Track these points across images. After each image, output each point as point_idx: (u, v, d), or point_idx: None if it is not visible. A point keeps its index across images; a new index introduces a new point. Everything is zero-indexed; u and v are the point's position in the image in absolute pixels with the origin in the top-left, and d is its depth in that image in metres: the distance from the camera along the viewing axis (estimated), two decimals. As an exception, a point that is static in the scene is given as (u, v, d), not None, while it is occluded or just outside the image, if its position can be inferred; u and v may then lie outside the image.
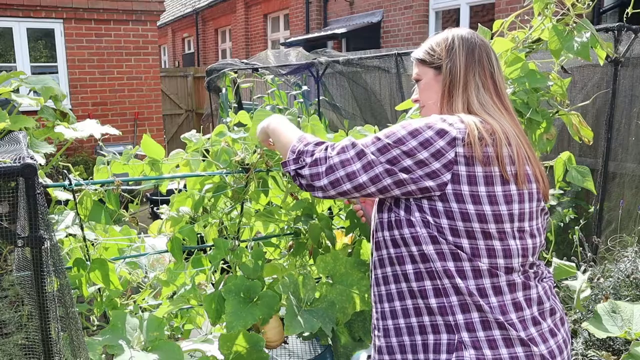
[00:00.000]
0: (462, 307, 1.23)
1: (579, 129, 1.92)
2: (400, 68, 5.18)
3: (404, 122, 1.28)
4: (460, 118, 1.25)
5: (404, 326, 1.31)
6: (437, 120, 1.24)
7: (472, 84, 1.34)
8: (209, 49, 16.34)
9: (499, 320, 1.22)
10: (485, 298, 1.22)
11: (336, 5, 10.25)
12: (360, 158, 1.26)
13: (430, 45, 1.42)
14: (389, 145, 1.24)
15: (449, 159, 1.19)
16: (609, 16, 6.04)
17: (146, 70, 8.43)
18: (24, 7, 7.38)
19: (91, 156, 7.72)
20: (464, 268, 1.22)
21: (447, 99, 1.35)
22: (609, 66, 3.37)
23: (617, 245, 3.07)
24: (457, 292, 1.23)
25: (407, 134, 1.23)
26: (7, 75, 1.74)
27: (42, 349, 1.12)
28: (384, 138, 1.25)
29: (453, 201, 1.20)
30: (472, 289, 1.22)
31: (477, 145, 1.19)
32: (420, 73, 1.43)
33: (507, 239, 1.23)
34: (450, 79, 1.35)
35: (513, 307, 1.24)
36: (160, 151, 1.84)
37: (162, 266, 2.16)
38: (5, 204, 1.11)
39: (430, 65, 1.40)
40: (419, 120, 1.27)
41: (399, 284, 1.31)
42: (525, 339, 1.22)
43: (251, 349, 1.83)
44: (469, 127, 1.22)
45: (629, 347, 2.01)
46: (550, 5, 1.80)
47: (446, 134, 1.20)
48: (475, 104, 1.32)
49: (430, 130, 1.22)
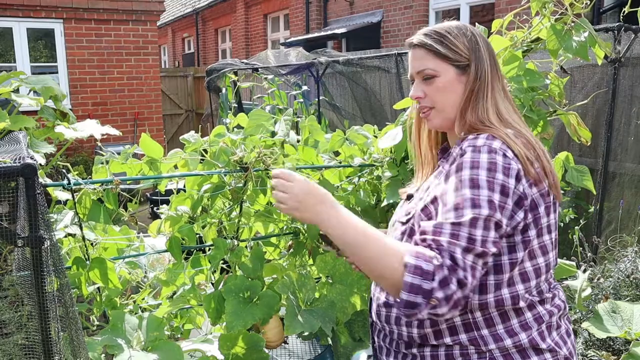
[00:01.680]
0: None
1: (577, 129, 1.92)
2: (400, 68, 5.18)
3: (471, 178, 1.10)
4: (504, 139, 1.15)
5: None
6: (499, 158, 1.12)
7: (497, 88, 1.24)
8: (209, 49, 16.34)
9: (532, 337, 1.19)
10: (523, 315, 1.19)
11: (336, 5, 10.24)
12: (483, 255, 1.06)
13: (448, 38, 1.24)
14: (488, 218, 1.07)
15: (519, 195, 1.13)
16: (609, 16, 6.04)
17: (146, 70, 8.43)
18: (24, 7, 7.38)
19: (91, 156, 7.71)
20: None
21: (472, 104, 1.22)
22: (608, 66, 3.37)
23: (617, 245, 3.07)
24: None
25: (489, 190, 1.09)
26: (7, 75, 1.74)
27: (42, 349, 1.13)
28: (480, 218, 1.07)
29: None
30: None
31: (530, 167, 1.14)
32: (438, 69, 1.24)
33: (548, 253, 1.21)
34: (480, 82, 1.23)
35: (548, 317, 1.22)
36: (159, 150, 1.84)
37: (161, 266, 2.16)
38: (5, 204, 1.11)
39: (453, 62, 1.24)
40: (481, 163, 1.11)
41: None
42: (552, 344, 1.20)
43: (251, 349, 1.83)
44: (518, 153, 1.14)
45: (629, 347, 2.01)
46: (548, 5, 1.80)
47: (511, 169, 1.12)
48: (503, 111, 1.23)
49: (501, 173, 1.10)
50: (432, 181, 1.28)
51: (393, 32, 8.77)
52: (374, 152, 2.11)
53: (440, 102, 1.26)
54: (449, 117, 1.26)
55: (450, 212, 1.09)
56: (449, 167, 1.18)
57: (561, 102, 1.97)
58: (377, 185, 2.14)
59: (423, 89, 1.27)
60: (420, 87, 1.28)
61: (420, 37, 1.26)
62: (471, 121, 1.22)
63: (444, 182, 1.16)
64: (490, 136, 1.15)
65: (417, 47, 1.27)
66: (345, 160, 2.14)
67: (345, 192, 2.11)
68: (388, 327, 1.28)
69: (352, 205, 2.08)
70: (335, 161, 2.12)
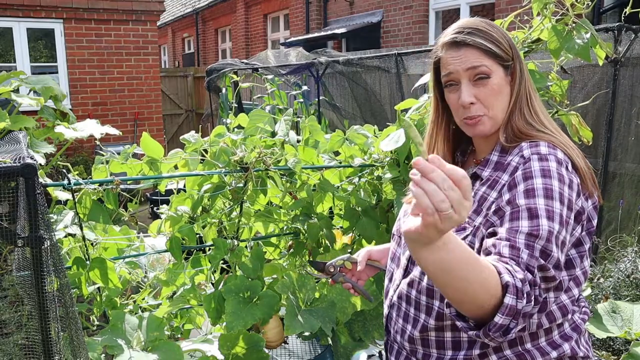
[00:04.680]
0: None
1: (578, 129, 1.92)
2: (400, 68, 5.18)
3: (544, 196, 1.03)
4: (565, 149, 1.11)
5: None
6: (563, 170, 1.07)
7: (534, 89, 1.18)
8: (209, 49, 16.34)
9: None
10: (562, 326, 1.17)
11: (336, 5, 10.24)
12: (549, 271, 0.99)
13: (492, 35, 1.14)
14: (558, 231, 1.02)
15: (577, 210, 1.09)
16: (609, 16, 6.04)
17: (146, 70, 8.42)
18: (24, 7, 7.38)
19: (91, 156, 7.71)
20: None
21: (519, 107, 1.15)
22: (609, 66, 3.36)
23: (617, 245, 3.07)
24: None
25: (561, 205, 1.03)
26: (7, 75, 1.74)
27: (42, 349, 1.12)
28: (556, 227, 1.01)
29: None
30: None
31: (587, 180, 1.11)
32: (491, 68, 1.13)
33: (586, 261, 1.16)
34: (524, 83, 1.16)
35: (582, 325, 1.21)
36: (159, 150, 1.84)
37: (161, 266, 2.16)
38: (5, 204, 1.11)
39: (502, 62, 1.14)
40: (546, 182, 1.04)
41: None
42: (585, 351, 1.19)
43: (251, 349, 1.83)
44: (578, 165, 1.11)
45: (629, 347, 2.00)
46: (549, 5, 1.80)
47: (573, 183, 1.08)
48: (546, 114, 1.17)
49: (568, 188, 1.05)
50: (485, 191, 1.15)
51: (393, 32, 8.77)
52: (374, 152, 2.11)
53: (494, 106, 1.14)
54: (498, 122, 1.16)
55: (525, 220, 1.00)
56: (509, 178, 1.10)
57: (562, 102, 1.96)
58: (377, 185, 2.14)
59: (474, 93, 1.13)
60: (470, 92, 1.13)
61: (465, 35, 1.13)
62: (519, 126, 1.14)
63: (508, 192, 1.07)
64: (551, 145, 1.10)
65: (465, 46, 1.13)
66: (346, 160, 2.14)
67: (346, 193, 2.11)
68: (425, 350, 1.19)
69: (352, 205, 2.08)
70: (336, 161, 2.12)
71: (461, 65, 1.13)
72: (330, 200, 2.11)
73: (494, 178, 1.15)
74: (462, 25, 1.15)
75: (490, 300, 0.90)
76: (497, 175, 1.14)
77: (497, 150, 1.18)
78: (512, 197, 1.05)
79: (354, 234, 2.16)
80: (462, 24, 1.16)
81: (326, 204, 2.13)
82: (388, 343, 1.33)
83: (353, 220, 2.05)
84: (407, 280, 1.22)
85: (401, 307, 1.24)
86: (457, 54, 1.14)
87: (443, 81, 1.19)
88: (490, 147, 1.21)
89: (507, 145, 1.15)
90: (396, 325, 1.25)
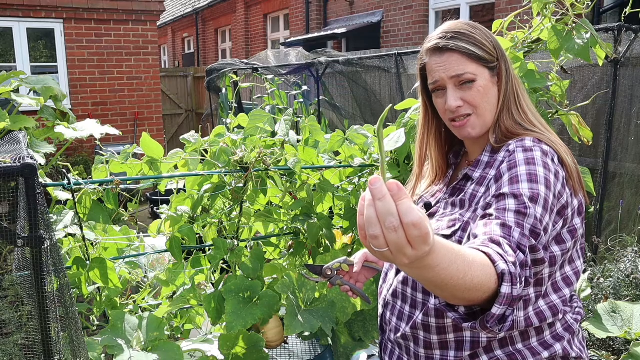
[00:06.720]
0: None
1: (578, 129, 1.92)
2: (400, 68, 5.18)
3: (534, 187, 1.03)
4: (551, 144, 1.12)
5: None
6: (549, 161, 1.08)
7: (523, 88, 1.20)
8: (209, 49, 16.34)
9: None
10: (554, 326, 1.18)
11: (336, 5, 10.24)
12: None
13: (476, 38, 1.16)
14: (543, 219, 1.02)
15: (562, 204, 1.09)
16: (609, 16, 6.04)
17: (146, 70, 8.43)
18: (24, 7, 7.38)
19: (91, 156, 7.71)
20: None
21: (507, 107, 1.18)
22: (609, 66, 3.36)
23: (617, 245, 3.07)
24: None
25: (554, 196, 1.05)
26: (7, 75, 1.74)
27: (42, 349, 1.12)
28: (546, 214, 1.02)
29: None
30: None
31: (573, 175, 1.12)
32: (476, 72, 1.15)
33: (577, 261, 1.18)
34: (511, 83, 1.18)
35: (575, 325, 1.21)
36: (159, 150, 1.84)
37: (161, 266, 2.16)
38: (5, 204, 1.11)
39: (486, 64, 1.17)
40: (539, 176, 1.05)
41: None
42: (578, 352, 1.20)
43: (251, 349, 1.83)
44: (565, 160, 1.12)
45: (629, 347, 2.00)
46: (549, 5, 1.80)
47: (559, 175, 1.09)
48: (535, 113, 1.17)
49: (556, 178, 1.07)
50: (474, 188, 1.18)
51: (393, 32, 8.77)
52: (374, 152, 2.11)
53: (482, 107, 1.17)
54: (487, 123, 1.18)
55: (511, 199, 1.01)
56: (495, 172, 1.11)
57: (562, 102, 1.96)
58: (377, 185, 2.13)
59: (460, 96, 1.16)
60: (456, 95, 1.16)
61: (448, 40, 1.15)
62: (508, 125, 1.16)
63: (494, 184, 1.09)
64: (537, 139, 1.12)
65: (448, 51, 1.15)
66: (346, 160, 2.14)
67: (346, 193, 2.11)
68: (417, 350, 1.19)
69: (353, 205, 2.08)
70: (336, 161, 2.12)
71: (446, 73, 1.16)
72: (330, 200, 2.12)
73: (483, 175, 1.18)
74: (445, 30, 1.17)
75: (484, 296, 0.87)
76: (486, 172, 1.17)
77: (488, 150, 1.20)
78: (498, 188, 1.07)
79: (354, 234, 2.16)
80: (445, 29, 1.18)
81: (326, 204, 2.13)
82: (382, 343, 1.33)
83: (353, 220, 2.05)
84: (401, 278, 1.23)
85: (395, 305, 1.24)
86: (441, 60, 1.16)
87: (430, 88, 1.21)
88: (481, 148, 1.23)
89: (497, 146, 1.18)
90: (390, 324, 1.26)
